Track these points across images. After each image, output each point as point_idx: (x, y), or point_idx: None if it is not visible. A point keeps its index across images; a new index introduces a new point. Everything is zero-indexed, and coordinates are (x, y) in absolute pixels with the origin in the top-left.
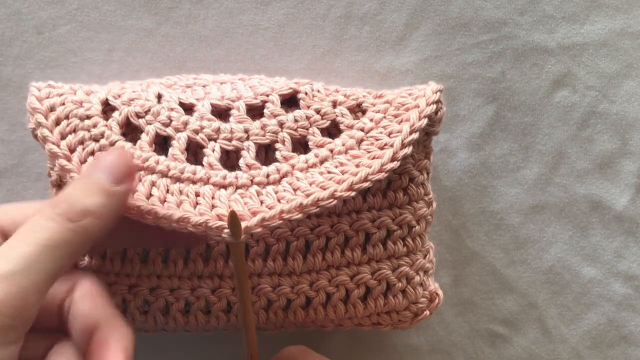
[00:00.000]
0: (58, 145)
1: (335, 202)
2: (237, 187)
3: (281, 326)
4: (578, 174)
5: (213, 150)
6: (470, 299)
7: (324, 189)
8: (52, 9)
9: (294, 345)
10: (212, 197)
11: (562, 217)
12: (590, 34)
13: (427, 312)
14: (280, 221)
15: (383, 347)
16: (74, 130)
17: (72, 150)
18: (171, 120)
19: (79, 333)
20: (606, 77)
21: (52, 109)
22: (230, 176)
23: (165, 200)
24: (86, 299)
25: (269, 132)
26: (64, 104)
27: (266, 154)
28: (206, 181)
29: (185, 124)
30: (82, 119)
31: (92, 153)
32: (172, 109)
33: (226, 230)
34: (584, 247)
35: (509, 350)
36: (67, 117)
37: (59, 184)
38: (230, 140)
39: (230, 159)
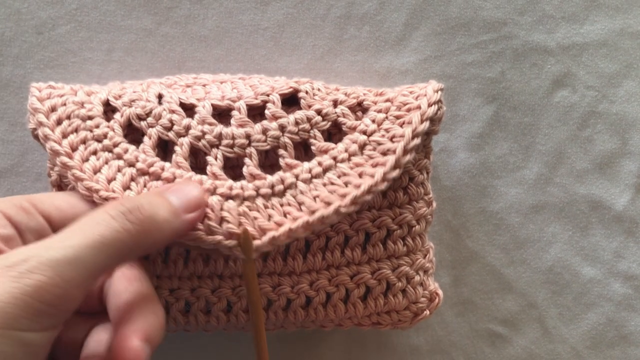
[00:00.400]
0: (60, 144)
1: (338, 217)
2: (244, 199)
3: (281, 326)
4: (578, 174)
5: (216, 159)
6: (470, 299)
7: (328, 204)
8: (52, 9)
9: None
10: (221, 209)
11: (562, 217)
12: (590, 34)
13: (427, 312)
14: (288, 239)
15: (383, 347)
16: (76, 130)
17: (74, 149)
18: (173, 124)
19: (113, 312)
20: (606, 77)
21: (53, 109)
22: (237, 187)
23: None
24: (122, 279)
25: (270, 137)
26: (65, 104)
27: (267, 155)
28: (213, 191)
29: (187, 128)
30: (83, 119)
31: (95, 153)
32: (173, 111)
33: (238, 248)
34: (584, 247)
35: (509, 350)
36: (68, 118)
37: (59, 184)
38: (232, 147)
39: (231, 160)
